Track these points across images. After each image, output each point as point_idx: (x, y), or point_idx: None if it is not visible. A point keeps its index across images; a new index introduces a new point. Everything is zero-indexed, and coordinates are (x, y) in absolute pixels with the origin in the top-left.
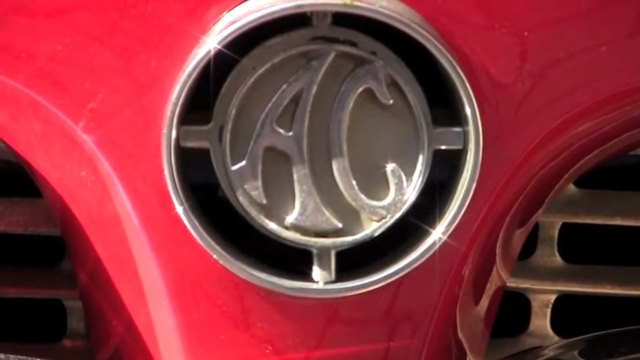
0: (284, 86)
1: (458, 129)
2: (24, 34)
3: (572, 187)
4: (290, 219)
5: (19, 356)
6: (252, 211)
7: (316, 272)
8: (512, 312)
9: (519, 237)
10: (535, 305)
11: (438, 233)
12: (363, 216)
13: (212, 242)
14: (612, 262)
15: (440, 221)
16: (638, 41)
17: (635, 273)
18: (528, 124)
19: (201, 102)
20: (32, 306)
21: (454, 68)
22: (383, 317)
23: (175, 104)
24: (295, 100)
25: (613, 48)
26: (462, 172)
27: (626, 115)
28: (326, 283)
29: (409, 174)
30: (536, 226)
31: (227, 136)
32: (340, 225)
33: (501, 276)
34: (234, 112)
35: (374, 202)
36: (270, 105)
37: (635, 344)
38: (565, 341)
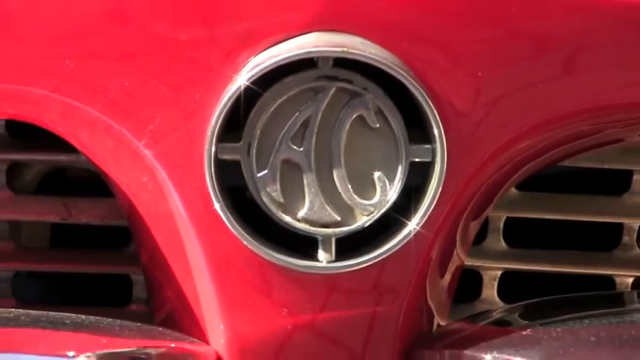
0: (297, 113)
1: (428, 146)
2: (100, 73)
3: (514, 190)
4: (301, 214)
5: (97, 317)
6: (273, 208)
7: (321, 254)
8: (468, 284)
9: (474, 227)
10: (485, 279)
11: (412, 225)
12: (357, 212)
13: (242, 232)
14: (546, 247)
15: (414, 216)
16: (563, 81)
17: (562, 255)
18: (481, 142)
19: (234, 125)
20: (106, 279)
21: (425, 100)
22: (371, 288)
23: (214, 126)
24: (305, 124)
25: (545, 85)
26: (431, 179)
27: (555, 135)
28: (328, 262)
29: (391, 180)
30: (487, 220)
31: (253, 151)
32: (339, 218)
33: (460, 257)
34: (258, 132)
35: (364, 201)
36: (286, 127)
37: (562, 309)
38: (508, 306)
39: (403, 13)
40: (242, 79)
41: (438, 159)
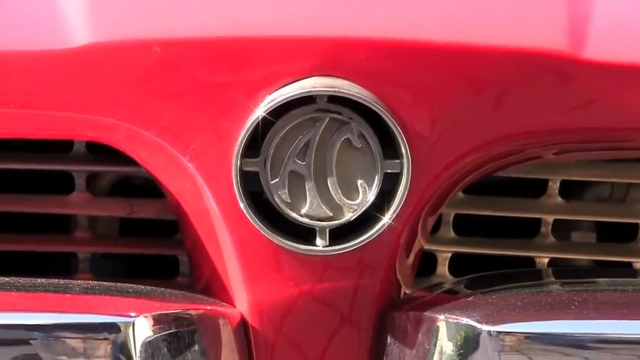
0: (300, 136)
1: (397, 161)
2: (156, 107)
3: (461, 193)
4: (303, 211)
5: (152, 287)
6: (283, 207)
7: (318, 241)
8: (426, 263)
9: (431, 221)
10: (439, 259)
11: (386, 219)
12: (344, 209)
13: (260, 224)
14: (485, 235)
15: (387, 212)
16: (495, 113)
17: (497, 241)
18: (437, 158)
19: (254, 145)
20: (160, 259)
21: (395, 126)
22: (355, 265)
23: (240, 146)
24: (307, 144)
25: (483, 116)
26: (400, 185)
27: (491, 153)
28: (324, 247)
29: (370, 186)
30: (441, 215)
31: (268, 165)
32: (332, 214)
33: (421, 243)
34: (272, 151)
35: (350, 202)
36: (292, 147)
37: (497, 281)
38: (456, 280)
39: (380, 63)
40: (260, 111)
41: (405, 171)
